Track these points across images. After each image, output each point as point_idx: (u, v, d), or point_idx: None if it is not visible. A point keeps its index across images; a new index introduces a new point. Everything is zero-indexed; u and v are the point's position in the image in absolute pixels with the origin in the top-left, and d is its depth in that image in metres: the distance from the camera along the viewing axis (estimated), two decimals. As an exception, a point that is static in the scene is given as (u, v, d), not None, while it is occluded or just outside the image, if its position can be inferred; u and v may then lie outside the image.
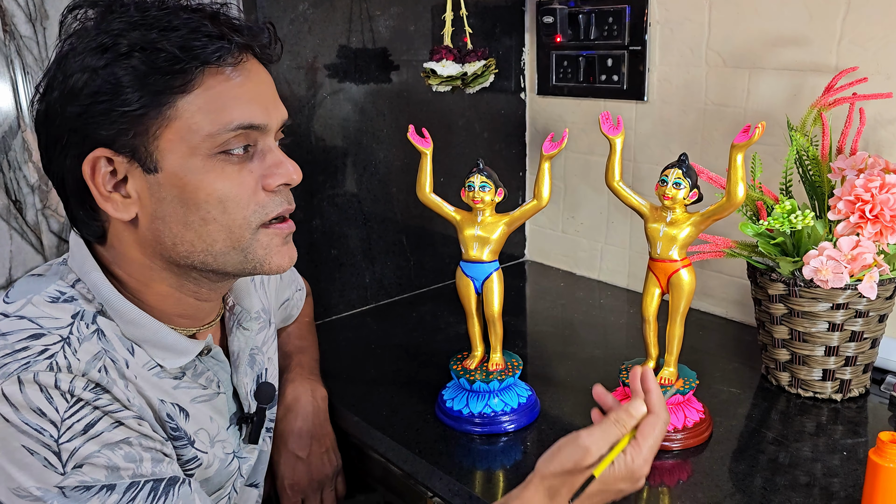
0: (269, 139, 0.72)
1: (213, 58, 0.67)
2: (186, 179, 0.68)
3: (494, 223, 0.96)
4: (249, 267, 0.73)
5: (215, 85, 0.68)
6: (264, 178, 0.71)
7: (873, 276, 0.91)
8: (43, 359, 0.64)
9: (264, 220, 0.72)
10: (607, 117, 0.92)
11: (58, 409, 0.63)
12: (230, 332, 0.87)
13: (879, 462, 0.75)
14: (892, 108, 1.07)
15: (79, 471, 0.63)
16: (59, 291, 0.71)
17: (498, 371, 1.00)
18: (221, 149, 0.68)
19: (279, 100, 0.75)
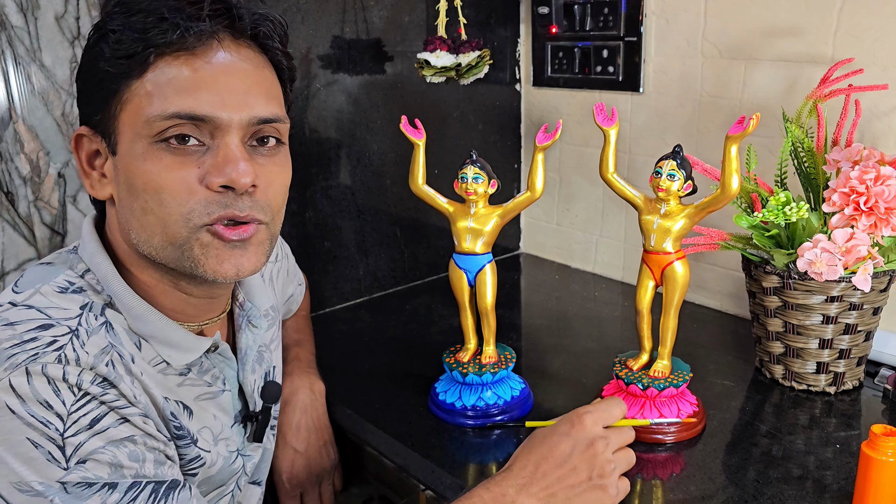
0: (228, 136, 0.67)
1: (166, 43, 0.65)
2: (129, 164, 0.67)
3: (488, 215, 0.96)
4: (187, 265, 0.69)
5: (167, 70, 0.66)
6: (208, 175, 0.67)
7: (868, 269, 0.90)
8: (52, 350, 0.63)
9: (207, 221, 0.67)
10: (601, 108, 0.91)
11: (65, 403, 0.62)
12: (239, 328, 0.85)
13: (872, 455, 0.75)
14: (887, 100, 1.06)
15: (82, 466, 0.61)
16: (67, 282, 0.70)
17: (491, 364, 0.99)
18: (159, 137, 0.66)
19: (259, 95, 0.69)
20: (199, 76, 0.66)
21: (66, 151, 1.62)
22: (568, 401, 1.04)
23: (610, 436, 0.76)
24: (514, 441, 0.95)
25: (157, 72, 0.66)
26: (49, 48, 1.57)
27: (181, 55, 0.66)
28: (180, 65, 0.66)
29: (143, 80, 0.66)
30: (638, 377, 0.93)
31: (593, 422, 0.75)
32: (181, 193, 0.66)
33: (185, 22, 0.65)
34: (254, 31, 0.70)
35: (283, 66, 0.75)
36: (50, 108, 1.58)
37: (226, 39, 0.68)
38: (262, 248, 0.72)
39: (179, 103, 0.65)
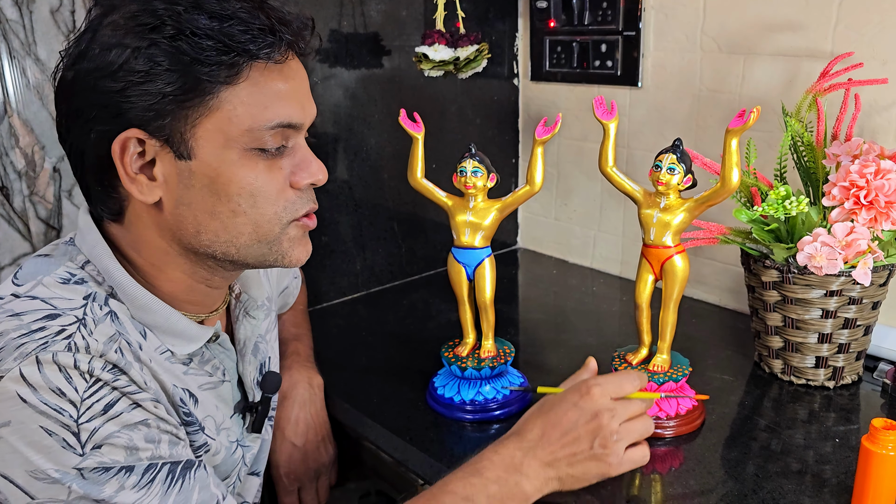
0: (300, 137, 0.73)
1: (263, 53, 0.67)
2: (220, 170, 0.68)
3: (486, 209, 0.95)
4: (271, 259, 0.74)
5: (261, 80, 0.68)
6: (293, 176, 0.72)
7: (868, 263, 0.90)
8: (61, 339, 0.63)
9: (294, 217, 0.73)
10: (601, 102, 0.91)
11: (77, 389, 0.61)
12: (236, 320, 0.86)
13: (872, 449, 0.74)
14: (887, 94, 1.06)
15: (97, 452, 0.61)
16: (69, 273, 0.70)
17: (490, 358, 0.99)
18: (258, 145, 0.69)
19: (311, 97, 0.75)
20: (289, 86, 0.70)
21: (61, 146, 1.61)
22: (567, 395, 1.03)
23: (617, 408, 0.79)
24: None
25: (250, 81, 0.67)
26: (44, 42, 1.56)
27: (272, 66, 0.69)
28: (273, 75, 0.69)
29: (237, 87, 0.67)
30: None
31: (601, 393, 0.79)
32: (273, 194, 0.71)
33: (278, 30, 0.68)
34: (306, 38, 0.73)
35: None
36: (45, 101, 1.57)
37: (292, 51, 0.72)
38: None
39: (281, 114, 0.69)
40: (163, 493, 0.64)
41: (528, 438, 0.78)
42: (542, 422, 0.79)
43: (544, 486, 0.77)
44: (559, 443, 0.77)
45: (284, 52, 0.69)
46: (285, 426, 0.98)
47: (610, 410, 0.78)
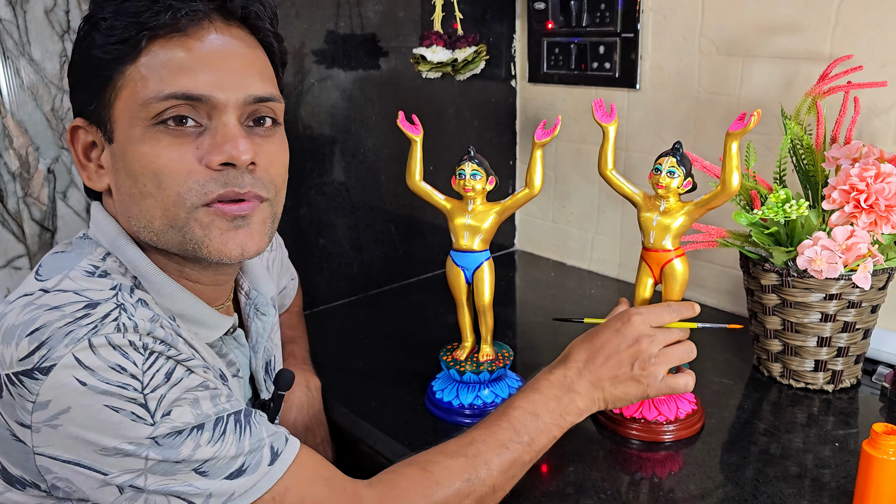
0: (225, 115, 0.67)
1: (159, 25, 0.65)
2: (126, 149, 0.67)
3: (485, 212, 0.95)
4: (190, 248, 0.69)
5: (160, 52, 0.66)
6: (207, 155, 0.67)
7: (868, 267, 0.90)
8: (110, 321, 0.63)
9: (205, 200, 0.67)
10: (600, 104, 0.90)
11: (136, 363, 0.62)
12: (248, 317, 0.85)
13: (873, 453, 0.74)
14: (886, 97, 1.06)
15: (168, 418, 0.62)
16: (92, 266, 0.69)
17: (488, 362, 0.98)
18: (157, 119, 0.66)
19: (254, 74, 0.70)
20: (193, 56, 0.66)
21: (55, 147, 1.60)
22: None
23: (656, 334, 0.84)
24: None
25: (150, 55, 0.66)
26: (38, 42, 1.55)
27: (174, 37, 0.66)
28: (174, 46, 0.66)
29: (137, 64, 0.66)
30: None
31: (641, 321, 0.85)
32: (179, 174, 0.66)
33: (176, 3, 0.65)
34: (244, 12, 0.70)
35: (273, 49, 0.75)
36: (39, 102, 1.56)
37: (217, 21, 0.69)
38: (265, 226, 0.72)
39: (175, 84, 0.65)
40: (237, 440, 0.65)
41: (576, 361, 0.85)
42: (587, 347, 0.85)
43: (592, 404, 0.84)
44: (604, 366, 0.83)
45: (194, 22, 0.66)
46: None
47: (649, 336, 0.84)
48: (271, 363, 0.89)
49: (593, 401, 0.84)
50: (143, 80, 0.66)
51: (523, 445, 0.78)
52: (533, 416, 0.80)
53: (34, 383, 0.59)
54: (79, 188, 1.65)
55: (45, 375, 0.59)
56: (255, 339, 0.85)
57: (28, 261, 1.60)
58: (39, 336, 0.60)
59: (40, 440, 0.61)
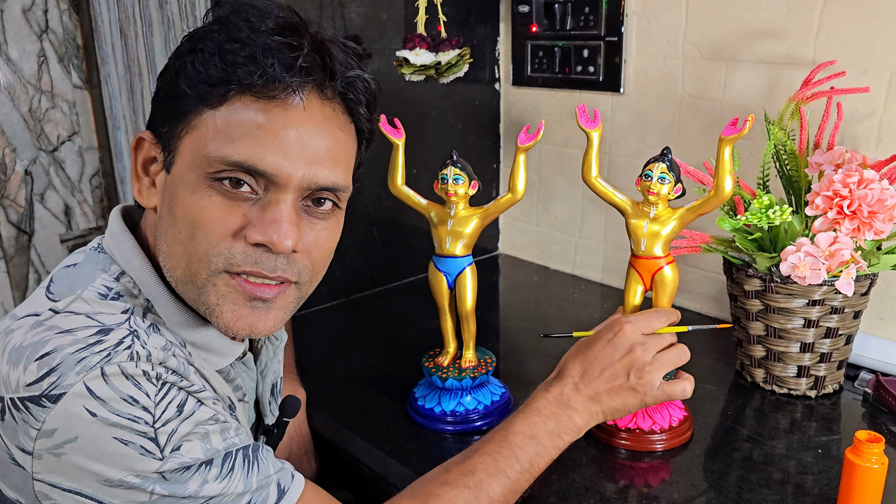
0: (283, 194, 0.64)
1: (245, 80, 0.62)
2: (177, 189, 0.65)
3: (468, 217, 0.94)
4: (201, 310, 0.67)
5: (242, 111, 0.63)
6: (250, 228, 0.64)
7: (851, 273, 0.90)
8: (123, 350, 0.61)
9: (228, 268, 0.65)
10: (584, 110, 0.89)
11: (149, 395, 0.60)
12: (259, 340, 0.83)
13: (856, 461, 0.74)
14: (868, 103, 1.06)
15: (177, 453, 0.60)
16: (106, 287, 0.67)
17: (471, 368, 0.97)
18: (215, 175, 0.63)
19: (326, 161, 0.66)
20: (271, 126, 0.63)
21: (33, 148, 1.57)
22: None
23: (648, 341, 0.83)
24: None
25: (231, 108, 0.63)
26: (16, 42, 1.53)
27: (261, 99, 0.63)
28: (257, 109, 0.63)
29: (216, 111, 0.64)
30: None
31: (633, 329, 0.84)
32: (215, 234, 0.64)
33: (273, 70, 0.62)
34: (343, 92, 0.68)
35: (363, 131, 0.72)
36: (17, 103, 1.54)
37: (311, 94, 0.65)
38: (286, 311, 0.70)
39: (244, 152, 0.63)
40: (244, 476, 0.64)
41: (572, 376, 0.83)
42: (581, 360, 0.84)
43: (591, 419, 0.83)
44: (599, 378, 0.82)
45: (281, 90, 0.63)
46: None
47: (642, 344, 0.83)
48: (277, 385, 0.87)
49: (592, 415, 0.83)
50: (216, 130, 0.63)
51: (523, 471, 0.78)
52: (533, 440, 0.79)
53: (41, 411, 0.57)
54: (56, 190, 1.63)
55: (53, 403, 0.57)
56: (265, 363, 0.83)
57: (4, 264, 1.57)
58: (49, 361, 0.58)
59: (41, 467, 0.59)
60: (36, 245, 1.62)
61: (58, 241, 1.64)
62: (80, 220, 1.67)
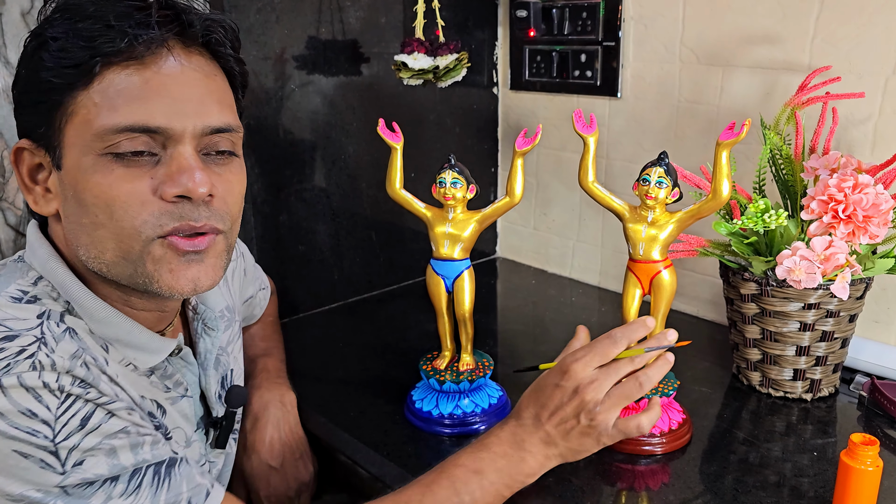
0: (181, 145, 0.65)
1: (114, 52, 0.62)
2: (77, 178, 0.64)
3: (466, 220, 0.94)
4: (140, 282, 0.67)
5: (115, 80, 0.63)
6: (162, 186, 0.64)
7: (846, 277, 0.90)
8: (23, 359, 0.60)
9: (160, 233, 0.65)
10: (580, 115, 0.90)
11: (49, 408, 0.59)
12: (196, 333, 0.83)
13: (851, 464, 0.74)
14: (863, 108, 1.07)
15: (79, 468, 0.60)
16: (21, 291, 0.67)
17: (468, 371, 0.98)
18: (110, 150, 0.63)
19: (213, 104, 0.67)
20: (149, 86, 0.64)
21: (31, 151, 1.58)
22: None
23: (600, 378, 0.76)
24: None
25: (104, 82, 0.63)
26: (14, 45, 1.53)
27: (130, 64, 0.63)
28: (129, 74, 0.63)
29: (90, 90, 0.63)
30: None
31: (583, 367, 0.77)
32: (133, 206, 0.64)
33: (133, 30, 0.62)
34: (205, 38, 0.68)
35: (234, 73, 0.73)
36: (15, 106, 1.54)
37: (176, 47, 0.66)
38: (220, 259, 0.70)
39: (131, 115, 0.63)
40: (152, 494, 0.63)
41: (525, 418, 0.79)
42: (533, 403, 0.79)
43: (547, 461, 0.79)
44: (550, 422, 0.77)
45: (151, 50, 0.63)
46: (260, 448, 0.95)
47: (592, 382, 0.76)
48: (227, 378, 0.87)
49: (548, 458, 0.78)
50: (97, 108, 0.63)
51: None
52: (477, 475, 0.75)
53: None
54: (55, 193, 1.63)
55: None
56: (204, 356, 0.82)
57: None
58: None
59: None
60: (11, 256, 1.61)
61: (56, 244, 1.64)
62: (78, 223, 1.67)
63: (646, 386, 0.77)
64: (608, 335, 0.79)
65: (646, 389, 0.77)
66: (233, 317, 0.92)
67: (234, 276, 0.98)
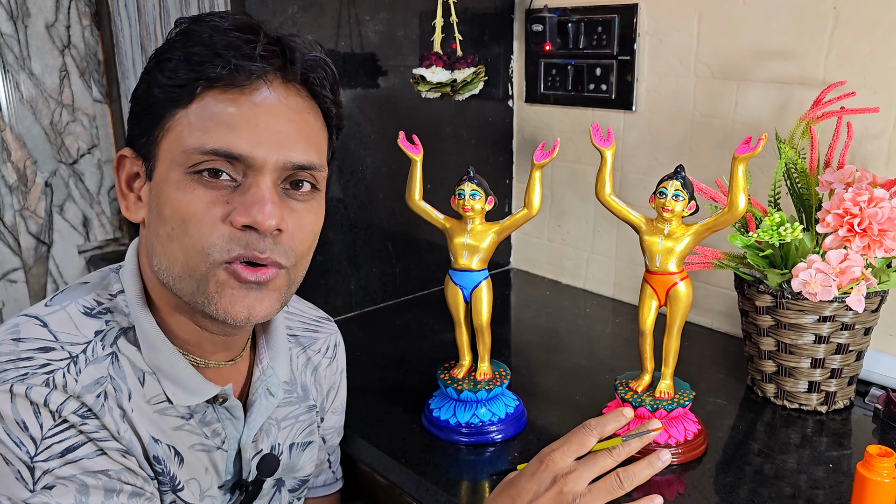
0: (260, 176, 0.66)
1: (216, 77, 0.65)
2: (162, 189, 0.67)
3: (484, 232, 0.96)
4: (200, 301, 0.68)
5: (211, 104, 0.66)
6: (234, 213, 0.66)
7: (861, 290, 0.91)
8: (42, 373, 0.63)
9: (226, 258, 0.66)
10: (598, 129, 0.91)
11: (42, 427, 0.62)
12: (255, 393, 0.80)
13: (868, 476, 0.75)
14: (878, 123, 1.08)
15: (47, 492, 0.62)
16: (96, 301, 0.70)
17: (486, 381, 0.99)
18: (194, 168, 0.65)
19: (299, 140, 0.69)
20: (241, 114, 0.66)
21: (53, 160, 1.60)
22: (561, 418, 1.04)
23: (580, 469, 0.71)
24: (508, 459, 0.95)
25: (202, 104, 0.66)
26: (38, 56, 1.56)
27: (228, 91, 0.66)
28: (226, 101, 0.66)
29: (188, 110, 0.66)
30: (644, 399, 0.93)
31: (561, 456, 0.72)
32: (206, 226, 0.65)
33: (237, 60, 0.65)
34: (304, 76, 0.70)
35: (331, 114, 0.74)
36: (38, 116, 1.57)
37: (275, 81, 0.68)
38: (279, 293, 0.71)
39: (218, 140, 0.65)
40: None
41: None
42: (504, 497, 0.73)
43: None
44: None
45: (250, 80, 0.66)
46: None
47: (572, 473, 0.71)
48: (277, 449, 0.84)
49: None
50: (190, 127, 0.66)
51: None
52: None
53: None
54: (76, 202, 1.65)
55: None
56: (255, 416, 0.79)
57: (24, 274, 1.60)
58: None
59: None
60: (55, 256, 1.64)
61: (76, 253, 1.67)
62: (99, 232, 1.70)
63: (626, 484, 0.72)
64: (583, 425, 0.75)
65: (626, 488, 0.72)
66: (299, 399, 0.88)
67: (327, 374, 0.94)
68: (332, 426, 0.96)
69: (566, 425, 1.01)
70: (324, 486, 0.99)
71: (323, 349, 0.93)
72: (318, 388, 0.91)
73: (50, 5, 1.56)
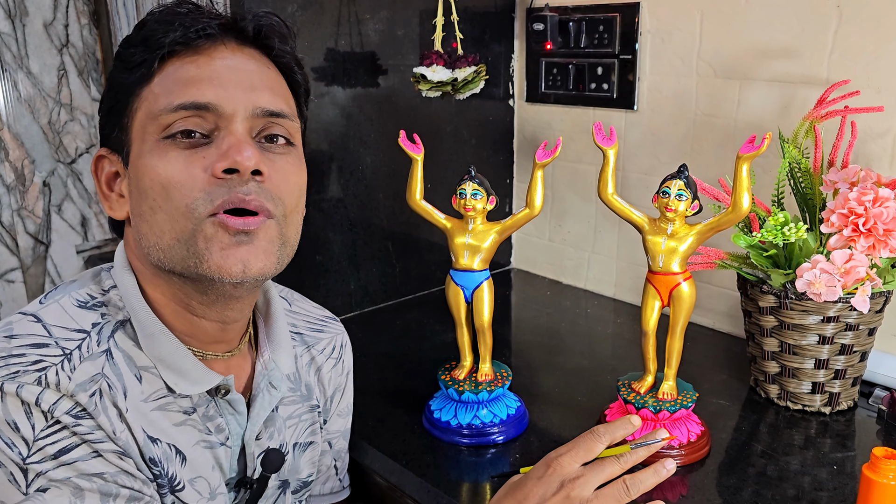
0: (232, 125, 0.66)
1: (171, 42, 0.66)
2: (137, 165, 0.67)
3: (485, 231, 0.95)
4: (191, 263, 0.65)
5: (171, 70, 0.67)
6: (213, 163, 0.65)
7: (866, 290, 0.90)
8: (34, 370, 0.61)
9: (211, 209, 0.64)
10: (600, 128, 0.90)
11: (34, 427, 0.60)
12: (257, 386, 0.78)
13: (873, 478, 0.74)
14: (882, 122, 1.07)
15: (41, 495, 0.60)
16: (89, 295, 0.69)
17: (487, 382, 0.98)
18: (166, 132, 0.65)
19: (264, 88, 0.69)
20: (202, 71, 0.67)
21: (51, 160, 1.59)
22: (563, 419, 1.03)
23: (587, 474, 0.70)
24: (510, 460, 0.94)
25: (163, 74, 0.67)
26: (36, 55, 1.55)
27: (186, 55, 0.67)
28: (186, 64, 0.67)
29: (151, 84, 0.67)
30: (647, 401, 0.92)
31: (569, 461, 0.71)
32: (186, 185, 0.64)
33: (188, 21, 0.67)
34: (256, 32, 0.71)
35: (292, 71, 0.74)
36: (36, 115, 1.56)
37: (231, 43, 0.69)
38: (272, 245, 0.68)
39: (184, 95, 0.65)
40: None
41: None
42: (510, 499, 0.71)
43: None
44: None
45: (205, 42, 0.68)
46: None
47: (579, 478, 0.69)
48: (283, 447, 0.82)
49: None
50: (155, 96, 0.66)
51: None
52: None
53: None
54: (74, 202, 1.64)
55: None
56: (258, 410, 0.78)
57: (21, 274, 1.59)
58: None
59: None
60: (52, 255, 1.63)
61: (74, 253, 1.66)
62: (97, 232, 1.69)
63: (633, 491, 0.70)
64: (591, 431, 0.73)
65: (633, 495, 0.70)
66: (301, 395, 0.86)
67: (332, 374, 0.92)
68: (338, 430, 0.94)
69: (568, 427, 1.01)
70: (330, 494, 0.97)
71: (328, 349, 0.91)
72: (321, 389, 0.90)
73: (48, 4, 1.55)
